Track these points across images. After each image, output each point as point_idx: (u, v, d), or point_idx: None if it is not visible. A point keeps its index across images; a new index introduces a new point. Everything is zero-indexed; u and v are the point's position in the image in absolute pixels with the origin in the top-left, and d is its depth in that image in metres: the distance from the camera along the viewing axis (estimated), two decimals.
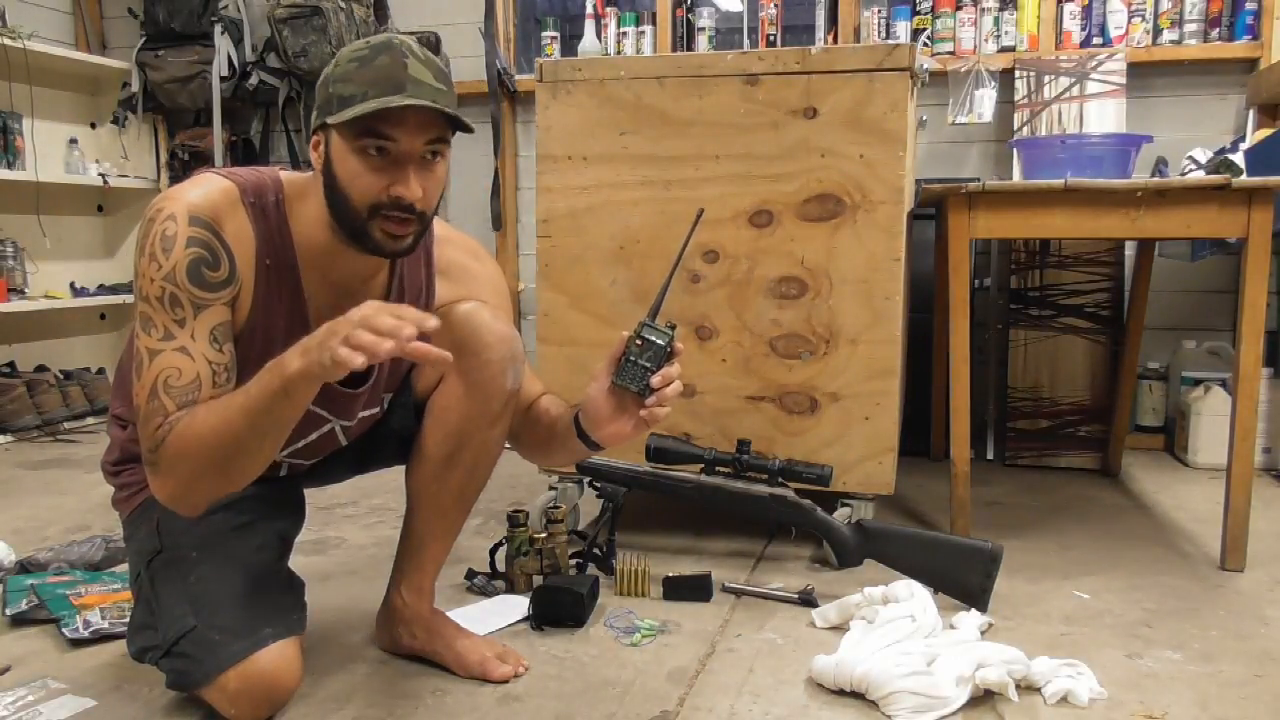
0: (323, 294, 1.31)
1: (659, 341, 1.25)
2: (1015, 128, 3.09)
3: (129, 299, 3.82)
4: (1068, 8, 3.05)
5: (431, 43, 3.51)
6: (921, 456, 2.90)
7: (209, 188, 1.24)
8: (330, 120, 1.19)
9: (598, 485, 1.96)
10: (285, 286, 1.28)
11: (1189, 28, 2.98)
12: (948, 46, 3.13)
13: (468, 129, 1.23)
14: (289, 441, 1.39)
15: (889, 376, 1.96)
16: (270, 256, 1.26)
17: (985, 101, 3.07)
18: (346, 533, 2.21)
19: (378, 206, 1.21)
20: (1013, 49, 3.11)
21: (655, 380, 1.25)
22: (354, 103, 1.16)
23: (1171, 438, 3.02)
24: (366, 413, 1.43)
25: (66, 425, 3.47)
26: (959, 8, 3.13)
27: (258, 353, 1.27)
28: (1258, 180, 1.87)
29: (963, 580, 1.69)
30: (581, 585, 1.67)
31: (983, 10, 3.11)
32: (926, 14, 3.15)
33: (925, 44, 3.13)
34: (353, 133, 1.18)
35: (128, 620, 1.41)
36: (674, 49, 3.39)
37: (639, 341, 1.25)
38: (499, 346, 1.39)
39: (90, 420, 3.55)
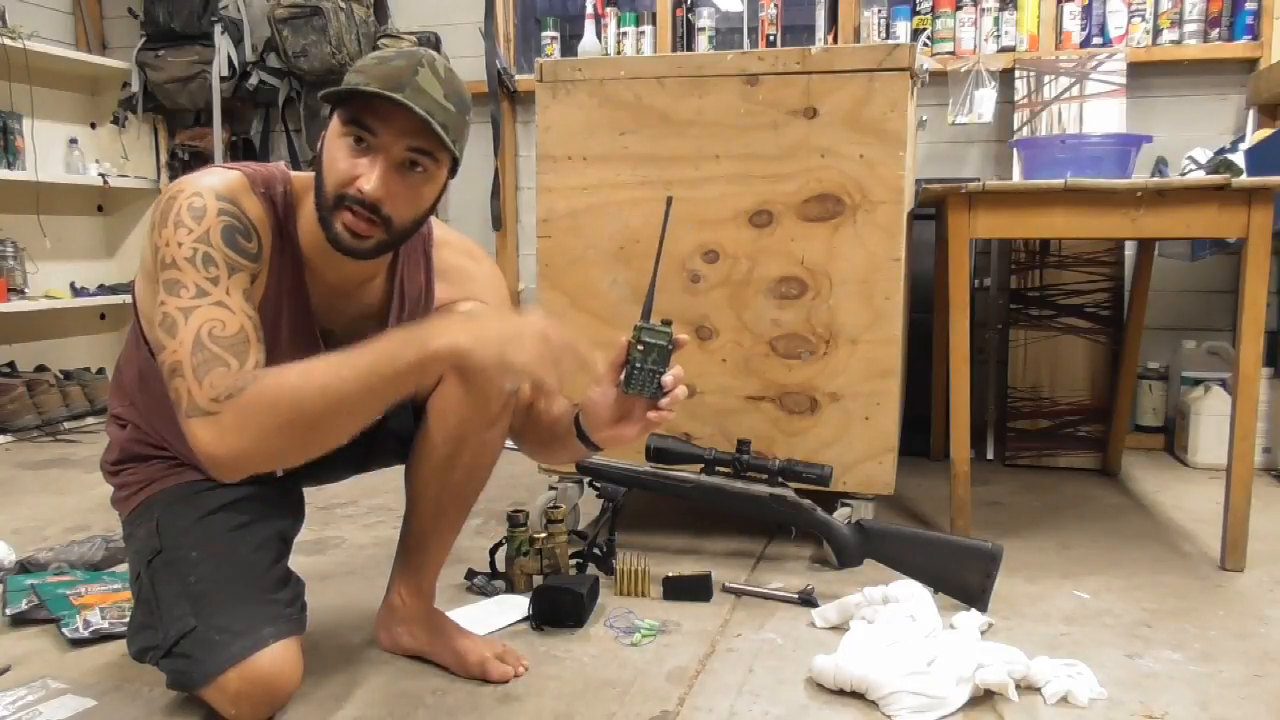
0: (321, 293, 1.32)
1: (660, 342, 1.24)
2: (1015, 128, 3.09)
3: (129, 299, 3.81)
4: (1068, 8, 3.06)
5: (431, 42, 3.52)
6: (921, 456, 2.90)
7: (225, 175, 1.24)
8: (321, 94, 1.21)
9: (598, 485, 1.96)
10: (293, 277, 1.29)
11: (1189, 28, 2.98)
12: (948, 46, 3.14)
13: (450, 150, 1.21)
14: None
15: (889, 376, 1.96)
16: (281, 245, 1.27)
17: (985, 101, 3.07)
18: (346, 533, 2.21)
19: (343, 196, 1.19)
20: (1013, 49, 3.11)
21: (667, 380, 1.25)
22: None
23: (1171, 438, 3.02)
24: None
25: (66, 425, 3.47)
26: (959, 8, 3.13)
27: (268, 337, 1.26)
28: (1258, 180, 1.87)
29: (963, 580, 1.69)
30: (581, 585, 1.67)
31: (983, 10, 3.11)
32: (926, 14, 3.15)
33: (925, 44, 3.13)
34: (342, 118, 1.20)
35: (128, 620, 1.41)
36: (674, 49, 3.39)
37: (640, 346, 1.24)
38: None
39: (90, 420, 3.55)
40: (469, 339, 1.09)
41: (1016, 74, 3.08)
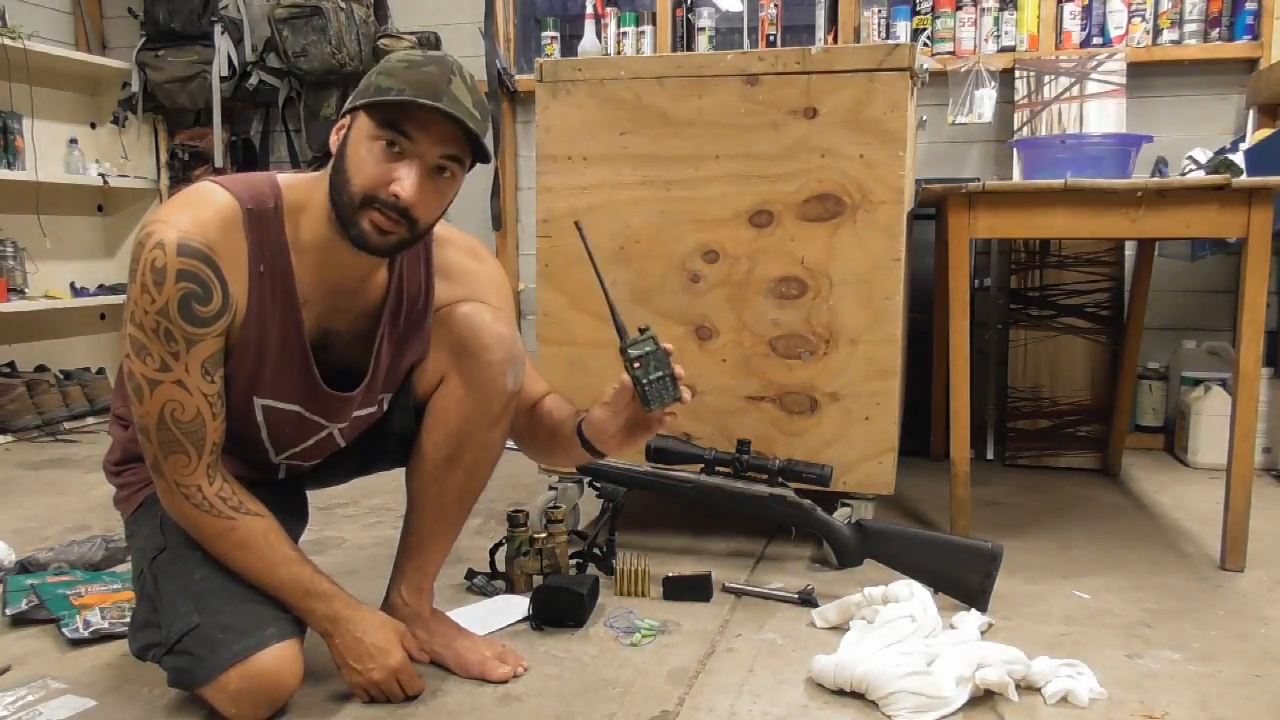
0: (319, 297, 1.31)
1: (649, 348, 1.29)
2: (1015, 128, 3.09)
3: None
4: (1068, 8, 3.05)
5: (431, 42, 3.51)
6: (921, 456, 2.90)
7: (201, 207, 1.23)
8: (360, 102, 1.21)
9: (598, 485, 1.96)
10: (279, 292, 1.28)
11: (1189, 28, 2.98)
12: (948, 46, 3.13)
13: (486, 157, 1.27)
14: (287, 445, 1.40)
15: (889, 376, 1.96)
16: (265, 264, 1.26)
17: (985, 101, 3.07)
18: (346, 533, 2.21)
19: (372, 198, 1.22)
20: (1013, 49, 3.11)
21: (680, 371, 1.31)
22: (389, 95, 1.19)
23: (1171, 438, 3.02)
24: (362, 412, 1.43)
25: (66, 425, 3.46)
26: (959, 8, 3.13)
27: (252, 359, 1.28)
28: (1258, 180, 1.87)
29: (963, 580, 1.69)
30: (581, 585, 1.67)
31: (983, 10, 3.11)
32: (926, 14, 3.15)
33: (925, 44, 3.13)
34: (376, 121, 1.21)
35: (128, 620, 1.42)
36: (674, 49, 3.39)
37: (636, 364, 1.29)
38: (499, 348, 1.39)
39: (90, 420, 3.55)
40: (336, 633, 1.33)
41: (1016, 74, 3.08)
